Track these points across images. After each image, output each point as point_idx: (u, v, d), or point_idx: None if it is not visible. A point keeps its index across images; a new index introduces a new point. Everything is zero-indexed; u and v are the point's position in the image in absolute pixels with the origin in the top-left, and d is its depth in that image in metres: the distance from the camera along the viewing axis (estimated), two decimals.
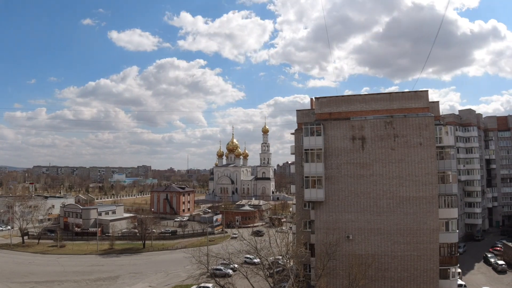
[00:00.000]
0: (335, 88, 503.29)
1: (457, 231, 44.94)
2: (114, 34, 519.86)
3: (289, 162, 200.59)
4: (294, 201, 57.73)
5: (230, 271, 56.22)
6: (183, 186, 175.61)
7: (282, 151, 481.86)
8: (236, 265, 52.96)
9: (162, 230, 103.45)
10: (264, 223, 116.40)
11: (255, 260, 54.79)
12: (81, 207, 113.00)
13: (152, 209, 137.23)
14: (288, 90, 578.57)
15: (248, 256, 53.31)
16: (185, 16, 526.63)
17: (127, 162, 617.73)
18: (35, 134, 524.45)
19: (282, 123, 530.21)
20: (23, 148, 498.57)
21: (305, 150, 46.02)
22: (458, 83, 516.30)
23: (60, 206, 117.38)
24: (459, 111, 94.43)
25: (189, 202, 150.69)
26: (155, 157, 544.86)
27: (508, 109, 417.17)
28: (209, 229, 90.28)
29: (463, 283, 50.06)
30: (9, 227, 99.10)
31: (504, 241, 71.71)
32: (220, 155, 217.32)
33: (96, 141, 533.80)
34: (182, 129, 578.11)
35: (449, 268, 42.35)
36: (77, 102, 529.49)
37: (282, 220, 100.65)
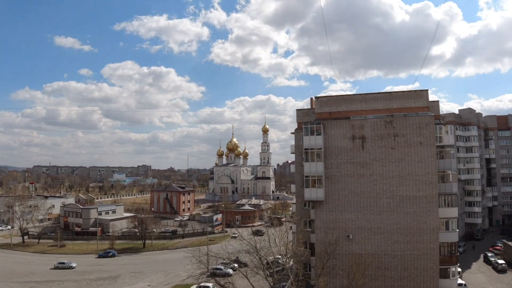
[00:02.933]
0: (298, 87, 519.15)
1: (457, 230, 44.90)
2: (56, 38, 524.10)
3: (289, 162, 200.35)
4: (294, 201, 57.69)
5: (230, 271, 56.21)
6: (183, 186, 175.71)
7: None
8: (236, 265, 52.99)
9: (162, 230, 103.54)
10: (264, 222, 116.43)
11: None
12: (81, 207, 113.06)
13: (152, 209, 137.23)
14: (249, 89, 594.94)
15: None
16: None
17: (121, 162, 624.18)
18: (22, 134, 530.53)
19: (259, 122, 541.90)
20: (13, 148, 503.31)
21: (305, 149, 45.97)
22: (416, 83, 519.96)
23: (60, 206, 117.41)
24: (459, 110, 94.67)
25: (189, 201, 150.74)
26: (141, 157, 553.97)
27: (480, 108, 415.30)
28: (209, 229, 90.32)
29: (463, 282, 50.01)
30: (9, 227, 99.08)
31: (504, 240, 71.69)
32: (220, 155, 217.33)
33: (74, 140, 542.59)
34: (162, 128, 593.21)
35: (449, 267, 42.32)
36: (45, 103, 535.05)
37: (282, 220, 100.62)
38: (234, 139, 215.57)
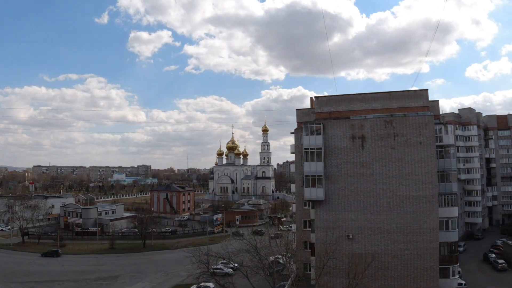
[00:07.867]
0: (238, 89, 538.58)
1: (457, 230, 44.95)
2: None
3: (289, 161, 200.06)
4: (294, 200, 57.74)
5: (231, 270, 56.17)
6: (183, 186, 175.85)
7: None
8: (236, 264, 52.96)
9: (162, 230, 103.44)
10: (264, 222, 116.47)
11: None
12: (81, 207, 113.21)
13: (152, 209, 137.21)
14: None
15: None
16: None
17: (120, 162, 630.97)
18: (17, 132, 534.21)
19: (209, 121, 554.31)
20: (11, 148, 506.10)
21: (305, 149, 45.96)
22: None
23: (60, 206, 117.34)
24: (459, 110, 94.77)
25: (189, 201, 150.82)
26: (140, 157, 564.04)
27: None
28: (209, 228, 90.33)
29: (463, 282, 50.05)
30: (9, 227, 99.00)
31: (504, 240, 71.75)
32: (220, 154, 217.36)
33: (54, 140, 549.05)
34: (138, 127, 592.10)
35: (449, 267, 42.32)
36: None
37: (282, 220, 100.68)
38: (234, 139, 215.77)
